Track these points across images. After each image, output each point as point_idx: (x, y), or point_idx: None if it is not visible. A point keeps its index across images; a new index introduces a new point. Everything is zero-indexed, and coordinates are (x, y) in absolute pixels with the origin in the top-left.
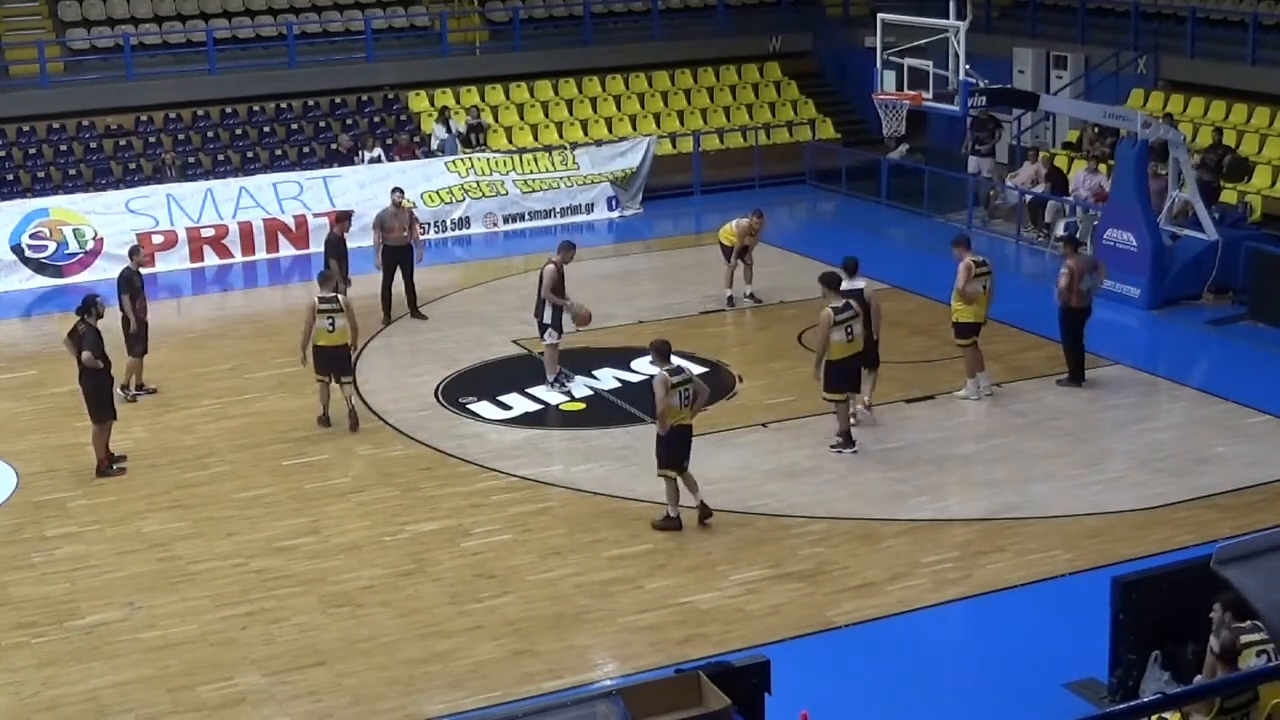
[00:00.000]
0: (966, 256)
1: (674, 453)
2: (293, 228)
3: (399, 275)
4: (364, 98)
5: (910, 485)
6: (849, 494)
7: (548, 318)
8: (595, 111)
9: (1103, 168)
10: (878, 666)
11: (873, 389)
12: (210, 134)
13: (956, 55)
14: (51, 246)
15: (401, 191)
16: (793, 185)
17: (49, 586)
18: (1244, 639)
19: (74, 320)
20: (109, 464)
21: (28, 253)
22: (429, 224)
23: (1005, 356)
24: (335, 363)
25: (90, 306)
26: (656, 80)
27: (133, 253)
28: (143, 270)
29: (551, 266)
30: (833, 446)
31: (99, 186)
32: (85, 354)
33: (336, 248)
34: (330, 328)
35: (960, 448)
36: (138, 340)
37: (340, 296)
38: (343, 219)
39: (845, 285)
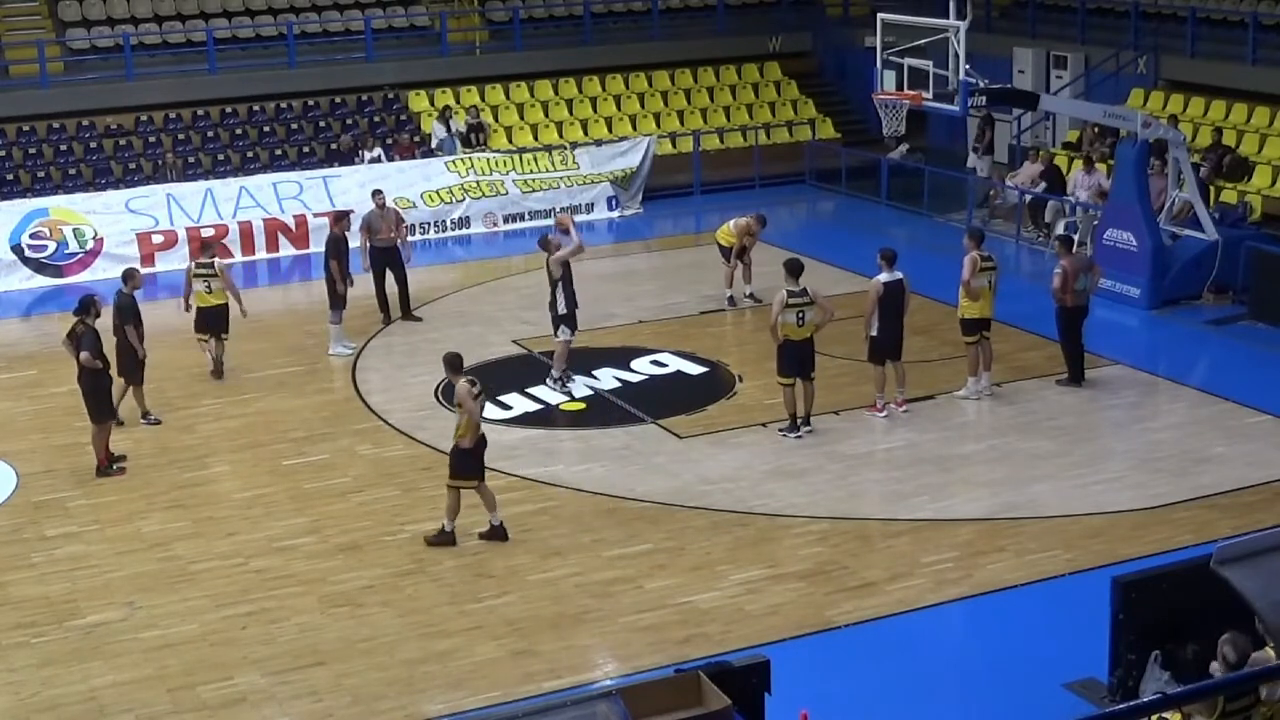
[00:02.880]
0: (974, 250)
1: (474, 465)
2: (293, 228)
3: (390, 276)
4: (364, 98)
5: (910, 485)
6: (849, 494)
7: (562, 308)
8: (595, 111)
9: (1101, 167)
10: (878, 666)
11: (903, 383)
12: (210, 134)
13: (956, 55)
14: (51, 246)
15: (382, 193)
16: (793, 185)
17: (49, 586)
18: (1255, 655)
19: (73, 320)
20: (109, 464)
21: (28, 253)
22: (429, 224)
23: (1005, 356)
24: (214, 321)
25: (89, 307)
26: (656, 80)
27: (127, 277)
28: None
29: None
30: (780, 430)
31: (99, 186)
32: (84, 354)
33: (337, 247)
34: (207, 290)
35: (960, 448)
36: (141, 366)
37: (216, 261)
38: (341, 219)
39: (884, 276)
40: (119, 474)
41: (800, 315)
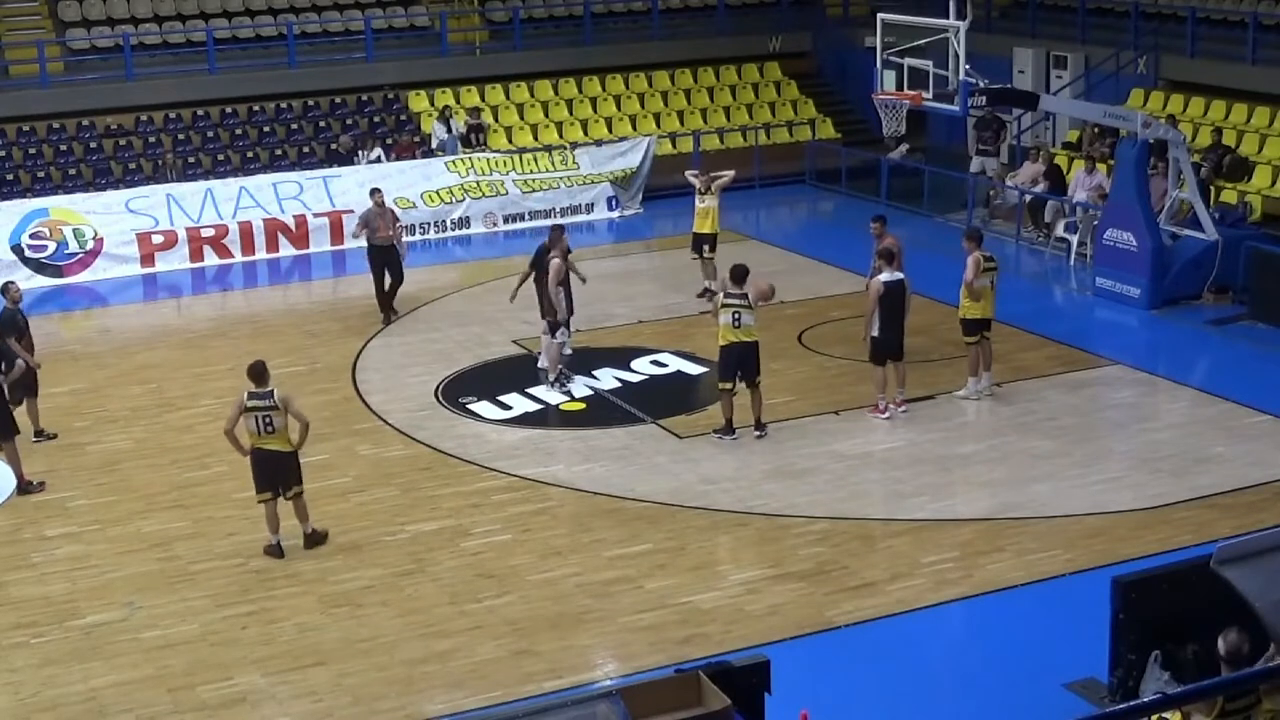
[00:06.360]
0: (976, 251)
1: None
2: (292, 228)
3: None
4: (364, 98)
5: (910, 485)
6: (849, 494)
7: (562, 313)
8: (595, 111)
9: (1102, 167)
10: (878, 666)
11: (903, 383)
12: (210, 134)
13: (956, 55)
14: (51, 246)
15: (380, 191)
16: (793, 185)
17: (49, 586)
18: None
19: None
20: (30, 482)
21: (28, 253)
22: (429, 224)
23: (1005, 356)
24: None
25: None
26: (656, 80)
27: (4, 289)
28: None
29: (557, 261)
30: (716, 431)
31: (99, 186)
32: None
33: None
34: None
35: (960, 448)
36: (24, 386)
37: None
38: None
39: (885, 276)
40: (40, 490)
41: (736, 316)
